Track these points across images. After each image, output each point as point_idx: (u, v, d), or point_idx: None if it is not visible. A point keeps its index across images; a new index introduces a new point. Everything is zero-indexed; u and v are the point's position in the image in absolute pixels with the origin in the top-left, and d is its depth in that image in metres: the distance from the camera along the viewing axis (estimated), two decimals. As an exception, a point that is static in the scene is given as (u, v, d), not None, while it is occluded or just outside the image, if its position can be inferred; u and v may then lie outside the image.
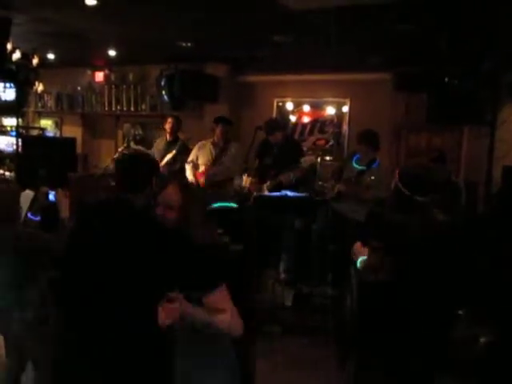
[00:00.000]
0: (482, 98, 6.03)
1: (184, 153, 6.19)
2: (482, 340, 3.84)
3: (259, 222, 5.89)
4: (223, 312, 2.15)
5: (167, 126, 6.42)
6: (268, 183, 5.60)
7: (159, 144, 6.49)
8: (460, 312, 3.60)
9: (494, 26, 4.87)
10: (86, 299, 2.14)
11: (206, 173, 5.89)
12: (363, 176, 5.19)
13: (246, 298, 3.00)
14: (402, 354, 2.73)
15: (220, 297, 2.17)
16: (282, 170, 5.53)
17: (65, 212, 3.06)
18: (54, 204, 3.11)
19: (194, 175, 5.99)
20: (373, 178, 5.06)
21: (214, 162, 5.95)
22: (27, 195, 3.47)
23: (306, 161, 5.45)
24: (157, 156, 6.31)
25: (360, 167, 5.30)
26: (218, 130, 5.96)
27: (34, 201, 3.27)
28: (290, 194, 4.84)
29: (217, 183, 5.80)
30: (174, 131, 6.44)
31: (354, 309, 4.18)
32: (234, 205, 2.97)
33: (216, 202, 3.06)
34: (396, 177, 2.85)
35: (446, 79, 6.00)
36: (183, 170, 6.18)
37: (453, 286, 2.81)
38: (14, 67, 5.90)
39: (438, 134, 7.19)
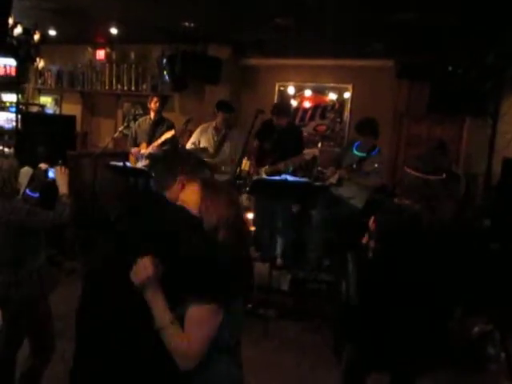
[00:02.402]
0: (485, 90, 6.00)
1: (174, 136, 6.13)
2: (475, 330, 3.88)
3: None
4: (184, 337, 1.77)
5: (153, 106, 6.31)
6: (266, 167, 5.59)
7: (143, 123, 6.39)
8: (456, 303, 3.62)
9: (501, 18, 4.83)
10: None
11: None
12: (364, 163, 5.19)
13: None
14: (397, 341, 2.74)
15: (197, 318, 1.77)
16: (280, 155, 5.52)
17: (63, 189, 3.04)
18: (53, 181, 3.09)
19: (197, 158, 5.96)
20: (376, 165, 5.06)
21: (216, 147, 5.92)
22: (26, 172, 3.45)
23: (309, 153, 5.44)
24: (142, 136, 6.26)
25: (360, 154, 5.30)
26: (220, 117, 5.91)
27: (32, 177, 3.25)
28: (289, 178, 4.83)
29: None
30: (159, 111, 6.37)
31: (350, 295, 4.20)
32: None
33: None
34: (404, 166, 2.81)
35: (450, 68, 5.97)
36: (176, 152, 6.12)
37: (450, 276, 2.80)
38: (15, 42, 5.84)
39: (439, 124, 7.17)
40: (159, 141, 6.01)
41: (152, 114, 6.32)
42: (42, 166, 3.17)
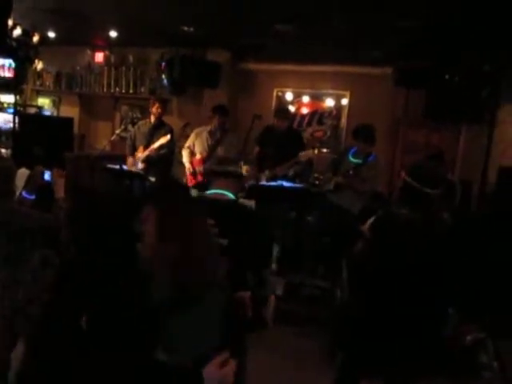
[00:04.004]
0: (482, 98, 6.03)
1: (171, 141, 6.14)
2: (469, 338, 3.89)
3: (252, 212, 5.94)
4: None
5: (154, 110, 6.23)
6: (267, 172, 5.60)
7: (143, 127, 6.34)
8: (449, 311, 3.63)
9: (497, 26, 4.87)
10: None
11: (203, 165, 5.89)
12: (360, 169, 5.21)
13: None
14: (389, 349, 2.75)
15: None
16: (281, 160, 5.54)
17: (59, 192, 3.05)
18: (49, 184, 3.10)
19: (191, 162, 5.98)
20: (373, 172, 5.08)
21: (210, 151, 5.93)
22: (22, 173, 3.45)
23: (304, 155, 5.47)
24: (140, 140, 6.22)
25: (356, 161, 5.32)
26: (215, 120, 5.93)
27: (29, 179, 3.26)
28: (285, 184, 4.84)
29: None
30: (160, 115, 6.30)
31: (343, 302, 4.21)
32: (231, 195, 2.82)
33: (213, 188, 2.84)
34: (403, 173, 2.82)
35: (447, 76, 6.00)
36: (170, 157, 6.22)
37: (443, 285, 2.82)
38: (14, 43, 5.85)
39: (436, 131, 7.19)
40: (155, 145, 6.01)
41: (152, 118, 6.29)
42: (39, 168, 3.17)
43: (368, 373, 3.00)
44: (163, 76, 7.35)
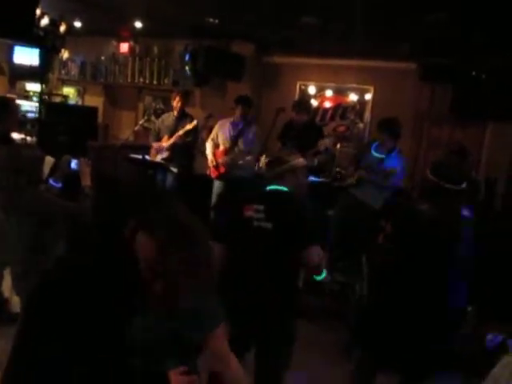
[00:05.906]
0: (509, 95, 5.95)
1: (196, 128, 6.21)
2: (489, 337, 3.86)
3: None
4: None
5: (175, 104, 6.32)
6: None
7: (167, 119, 6.43)
8: (468, 309, 3.61)
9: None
10: None
11: (224, 157, 5.91)
12: (383, 164, 5.17)
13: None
14: (406, 346, 2.75)
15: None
16: (300, 152, 5.53)
17: (86, 181, 3.10)
18: (75, 172, 3.15)
19: (214, 153, 6.01)
20: (396, 166, 5.04)
21: (232, 143, 5.94)
22: (47, 161, 3.51)
23: (322, 144, 5.46)
24: (165, 131, 6.30)
25: (379, 155, 5.28)
26: (238, 111, 5.95)
27: (55, 167, 3.31)
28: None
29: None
30: (182, 108, 6.36)
31: (363, 297, 4.21)
32: (286, 189, 2.91)
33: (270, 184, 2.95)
34: (427, 169, 2.82)
35: (474, 73, 5.93)
36: (194, 145, 6.32)
37: (462, 281, 2.81)
38: (41, 33, 5.92)
39: (460, 128, 7.10)
40: (181, 132, 6.06)
41: (174, 111, 6.36)
42: (66, 156, 3.22)
43: (385, 366, 3.01)
44: (187, 67, 7.36)
